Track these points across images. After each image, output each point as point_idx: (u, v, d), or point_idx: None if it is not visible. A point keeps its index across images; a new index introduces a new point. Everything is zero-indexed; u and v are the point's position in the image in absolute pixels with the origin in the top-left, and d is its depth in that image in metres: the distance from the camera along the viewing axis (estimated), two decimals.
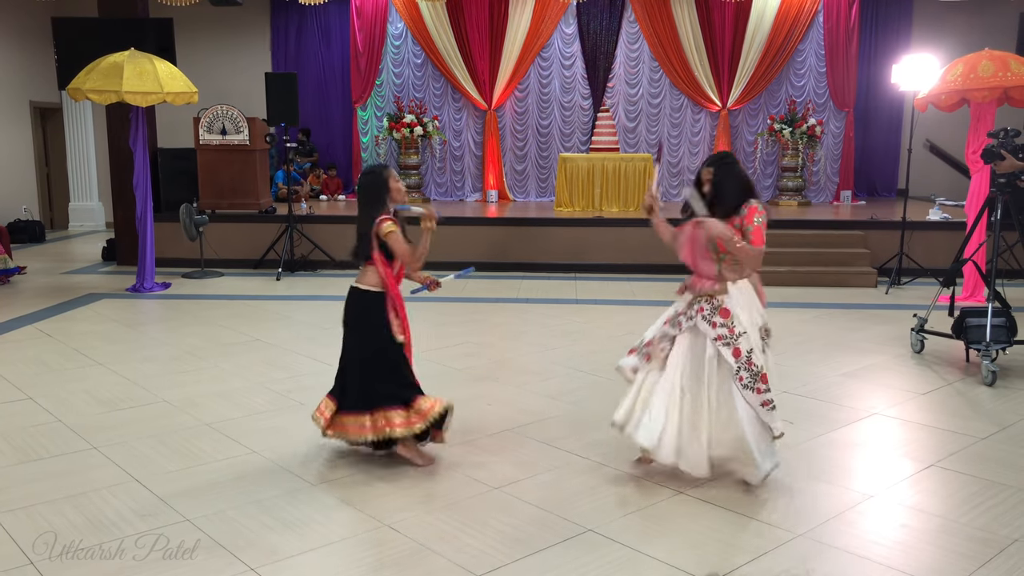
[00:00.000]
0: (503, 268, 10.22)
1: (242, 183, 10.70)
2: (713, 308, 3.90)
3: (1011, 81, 7.43)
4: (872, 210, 11.48)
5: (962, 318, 6.06)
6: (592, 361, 6.26)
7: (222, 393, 5.44)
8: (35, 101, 13.45)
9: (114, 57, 8.37)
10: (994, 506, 3.80)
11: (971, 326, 5.96)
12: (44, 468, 4.21)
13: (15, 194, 12.98)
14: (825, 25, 12.89)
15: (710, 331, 3.86)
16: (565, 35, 13.22)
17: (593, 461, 4.32)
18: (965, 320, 6.02)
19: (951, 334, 6.17)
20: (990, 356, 5.70)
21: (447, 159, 13.53)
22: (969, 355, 6.18)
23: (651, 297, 8.57)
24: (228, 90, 12.65)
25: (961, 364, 6.17)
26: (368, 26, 13.19)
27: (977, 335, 5.90)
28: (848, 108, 13.06)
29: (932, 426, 4.91)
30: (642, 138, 13.35)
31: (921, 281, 9.35)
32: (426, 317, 7.80)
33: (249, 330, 7.21)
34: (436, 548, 3.40)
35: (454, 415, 4.25)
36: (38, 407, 5.15)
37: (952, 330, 6.15)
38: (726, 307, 3.90)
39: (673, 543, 3.45)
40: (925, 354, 6.44)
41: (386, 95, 13.43)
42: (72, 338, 6.91)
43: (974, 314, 6.01)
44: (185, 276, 9.81)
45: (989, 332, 5.78)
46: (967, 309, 6.13)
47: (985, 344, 5.76)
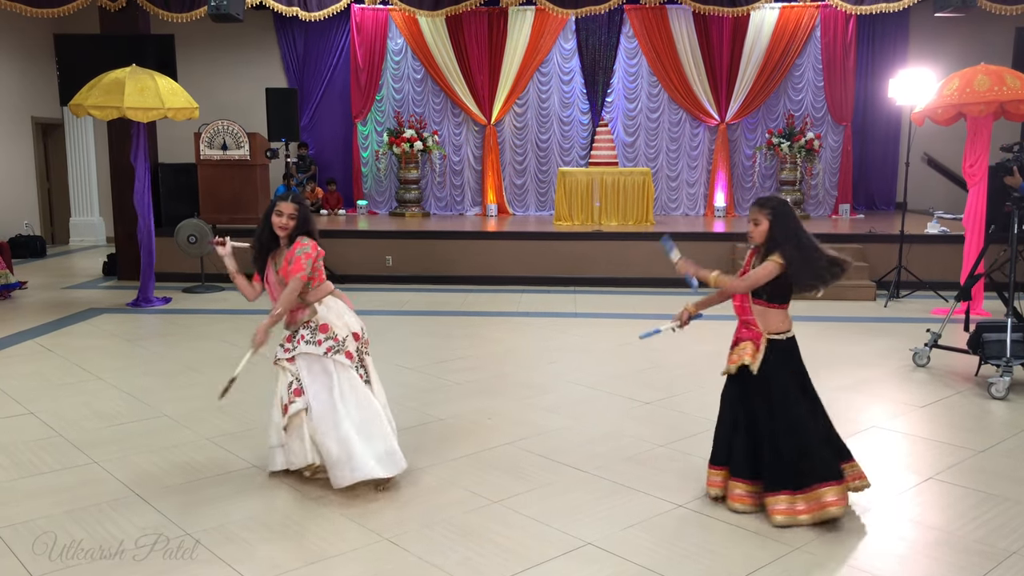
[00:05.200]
0: (502, 282, 10.24)
1: (243, 198, 10.72)
2: (312, 330, 4.07)
3: (1007, 95, 7.47)
4: (870, 223, 11.51)
5: (978, 333, 6.00)
6: (591, 375, 6.27)
7: (222, 407, 5.44)
8: (37, 117, 13.52)
9: (116, 73, 8.43)
10: (993, 519, 3.80)
11: (988, 341, 5.89)
12: (44, 482, 4.21)
13: (16, 209, 13.03)
14: (822, 40, 12.97)
15: (317, 349, 4.05)
16: (564, 50, 13.30)
17: (592, 474, 4.32)
18: (982, 335, 5.95)
19: (966, 349, 6.11)
20: (1011, 371, 5.68)
21: (447, 174, 13.59)
22: (980, 370, 6.10)
23: (650, 311, 8.59)
24: (229, 105, 12.72)
25: (959, 377, 6.17)
26: (368, 42, 13.28)
27: (994, 350, 5.84)
28: (846, 122, 13.12)
29: (931, 439, 4.92)
30: (641, 152, 13.41)
31: (920, 294, 9.37)
32: (426, 331, 7.82)
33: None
34: (436, 562, 3.40)
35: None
36: (39, 422, 5.16)
37: (968, 345, 6.09)
38: (324, 323, 4.09)
39: (672, 556, 3.46)
40: (923, 368, 6.44)
41: (386, 110, 13.50)
42: (73, 353, 6.92)
43: (991, 329, 5.94)
44: (186, 291, 9.83)
45: (1010, 347, 5.73)
46: (983, 324, 6.07)
47: (1006, 360, 5.73)
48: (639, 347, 7.12)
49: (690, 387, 5.93)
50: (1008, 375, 5.68)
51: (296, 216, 4.06)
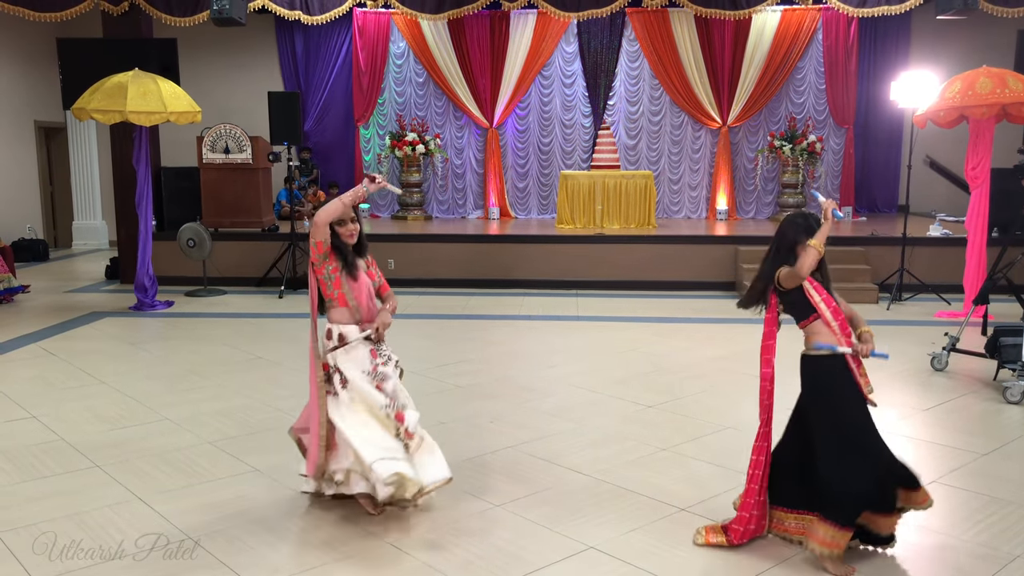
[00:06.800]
0: (504, 285, 10.24)
1: (245, 201, 10.75)
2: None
3: (1009, 98, 7.46)
4: (873, 226, 11.50)
5: (995, 337, 5.97)
6: (593, 378, 6.26)
7: (224, 411, 5.45)
8: (40, 121, 13.55)
9: (118, 77, 8.44)
10: (996, 522, 3.79)
11: (1005, 345, 5.86)
12: (46, 486, 4.21)
13: (19, 213, 13.04)
14: (824, 42, 12.97)
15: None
16: (566, 53, 13.31)
17: (595, 478, 4.32)
18: (999, 339, 5.92)
19: (984, 354, 6.08)
20: None
21: (449, 177, 13.60)
22: (998, 374, 6.06)
23: (653, 314, 8.59)
24: (231, 109, 12.74)
25: (961, 380, 6.16)
26: (370, 45, 13.30)
27: (1011, 354, 5.81)
28: (848, 125, 13.11)
29: (934, 442, 4.91)
30: (643, 155, 13.41)
31: (922, 297, 9.35)
32: (428, 334, 7.81)
33: (251, 348, 7.23)
34: (437, 565, 3.40)
35: None
36: (41, 425, 5.16)
37: (986, 349, 6.07)
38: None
39: (674, 560, 3.45)
40: (926, 371, 6.43)
41: (388, 113, 13.51)
42: (75, 356, 6.93)
43: (1008, 333, 5.91)
44: (188, 294, 9.84)
45: None
46: (1000, 328, 6.04)
47: (1022, 364, 5.70)
48: (642, 350, 7.13)
49: (693, 391, 5.92)
50: (1023, 379, 5.65)
51: (357, 218, 3.80)
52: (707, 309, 8.78)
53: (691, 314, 8.54)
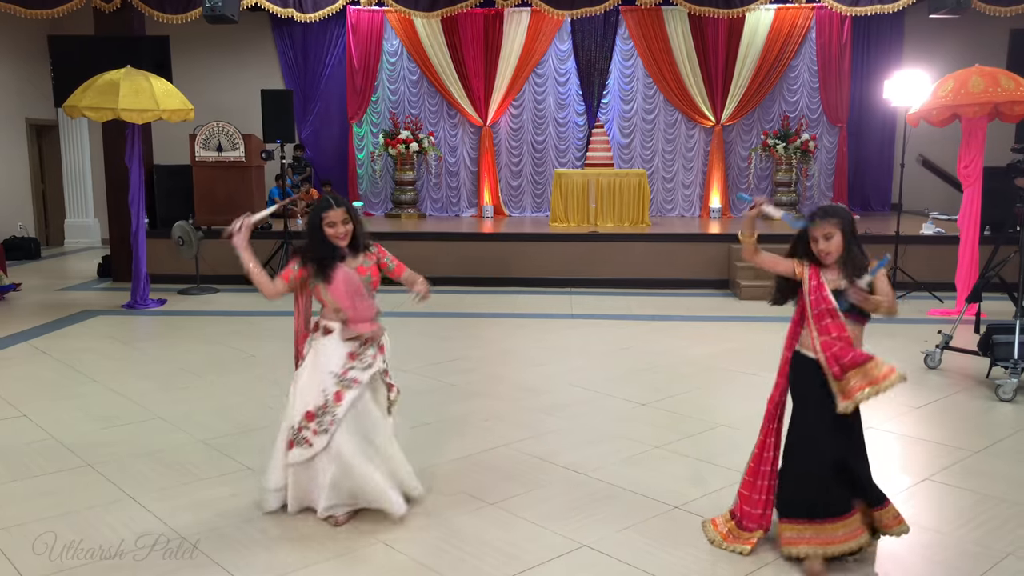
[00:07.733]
0: (498, 283, 10.24)
1: (238, 200, 10.70)
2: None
3: (1001, 96, 7.48)
4: (866, 224, 11.51)
5: (989, 335, 5.99)
6: (587, 376, 6.26)
7: (217, 410, 5.43)
8: (31, 118, 13.49)
9: (110, 75, 8.40)
10: (988, 520, 3.80)
11: (998, 343, 5.88)
12: (38, 486, 4.19)
13: (11, 211, 12.99)
14: (818, 41, 13.00)
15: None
16: (560, 52, 13.31)
17: (589, 476, 4.32)
18: (992, 337, 5.94)
19: (977, 351, 6.10)
20: (1019, 373, 5.68)
21: (443, 175, 13.59)
22: (991, 372, 6.06)
23: (646, 312, 8.59)
24: (224, 107, 12.70)
25: (954, 378, 6.17)
26: (364, 43, 13.27)
27: (1004, 352, 5.83)
28: (841, 123, 13.15)
29: (926, 439, 4.92)
30: (637, 153, 13.43)
31: (915, 295, 9.38)
32: (422, 333, 7.81)
33: (245, 346, 7.21)
34: (432, 564, 3.39)
35: None
36: (32, 424, 5.14)
37: (978, 347, 6.09)
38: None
39: (668, 558, 3.45)
40: (919, 368, 6.44)
41: (382, 111, 13.50)
42: (67, 355, 6.90)
43: (1001, 331, 5.93)
44: (181, 292, 9.81)
45: (1018, 349, 5.72)
46: (993, 326, 6.05)
47: (1014, 361, 5.72)
48: (636, 348, 7.14)
49: (687, 388, 5.92)
50: (1016, 377, 5.67)
51: (350, 219, 3.76)
52: (701, 307, 8.77)
53: (685, 312, 8.53)
